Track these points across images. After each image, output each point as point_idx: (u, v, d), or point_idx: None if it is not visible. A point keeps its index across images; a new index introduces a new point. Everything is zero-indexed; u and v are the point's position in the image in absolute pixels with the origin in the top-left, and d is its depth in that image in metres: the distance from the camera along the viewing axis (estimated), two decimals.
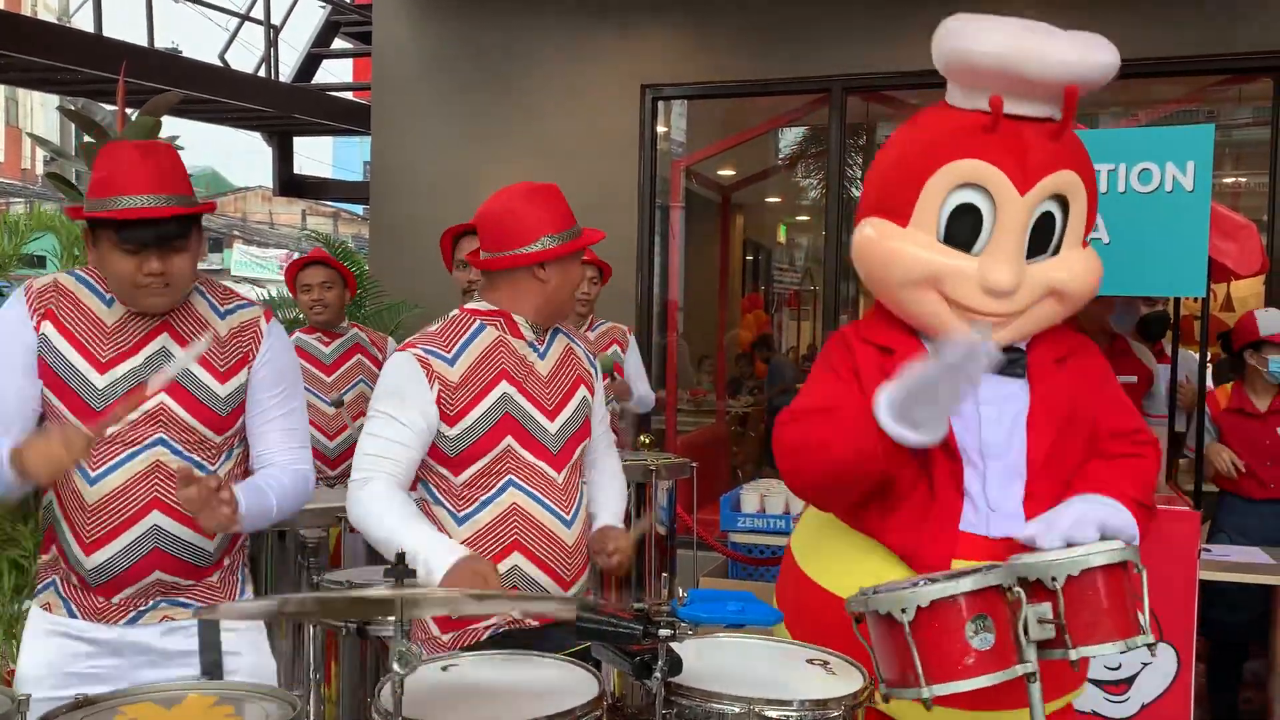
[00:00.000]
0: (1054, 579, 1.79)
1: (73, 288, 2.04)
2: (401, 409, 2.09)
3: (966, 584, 1.74)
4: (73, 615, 2.03)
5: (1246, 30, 4.89)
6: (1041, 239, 2.08)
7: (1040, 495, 2.05)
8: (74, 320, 2.01)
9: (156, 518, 1.99)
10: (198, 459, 2.03)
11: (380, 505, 2.06)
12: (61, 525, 2.02)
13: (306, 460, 2.16)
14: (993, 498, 2.05)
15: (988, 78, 2.03)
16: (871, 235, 2.15)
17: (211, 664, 2.04)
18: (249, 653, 2.10)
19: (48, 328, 1.99)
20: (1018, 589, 1.77)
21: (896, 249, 2.10)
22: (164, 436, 2.00)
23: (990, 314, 2.05)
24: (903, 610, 1.73)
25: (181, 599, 2.06)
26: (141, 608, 2.03)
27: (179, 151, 2.05)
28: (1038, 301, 2.08)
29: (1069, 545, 1.91)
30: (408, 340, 2.21)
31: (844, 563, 2.16)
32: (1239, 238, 3.47)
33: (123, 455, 1.99)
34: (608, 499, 2.39)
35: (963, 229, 2.06)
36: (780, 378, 8.86)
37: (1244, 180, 8.15)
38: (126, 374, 1.99)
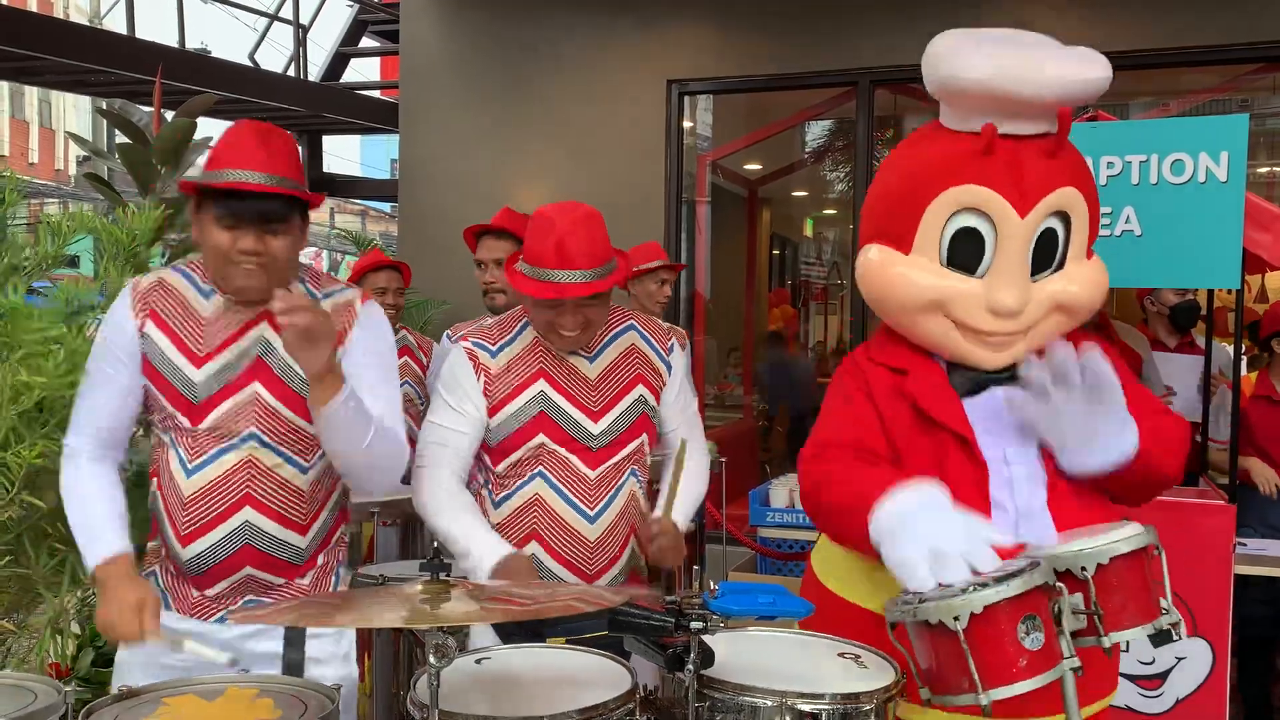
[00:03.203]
0: (1084, 569, 1.79)
1: (176, 284, 2.06)
2: (456, 397, 2.26)
3: (1016, 585, 1.70)
4: (168, 607, 2.03)
5: None
6: (1045, 255, 2.08)
7: (1062, 496, 2.05)
8: (174, 316, 2.03)
9: (248, 514, 2.00)
10: (290, 454, 2.03)
11: (433, 495, 2.25)
12: (162, 516, 2.04)
13: (403, 430, 2.07)
14: (1020, 504, 2.04)
15: (979, 102, 2.02)
16: (876, 260, 2.15)
17: (294, 664, 2.01)
18: (331, 663, 2.06)
19: (150, 327, 2.02)
20: (1059, 583, 1.76)
21: (901, 275, 2.10)
22: (255, 431, 2.00)
23: (998, 333, 2.05)
24: (955, 618, 1.69)
25: (270, 600, 2.05)
26: (231, 608, 2.03)
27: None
28: (1045, 317, 2.08)
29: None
30: (464, 333, 2.37)
31: (864, 573, 2.13)
32: (1273, 228, 3.42)
33: (215, 449, 2.00)
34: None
35: (965, 252, 2.06)
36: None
37: (1278, 170, 8.04)
38: (223, 366, 2.01)
